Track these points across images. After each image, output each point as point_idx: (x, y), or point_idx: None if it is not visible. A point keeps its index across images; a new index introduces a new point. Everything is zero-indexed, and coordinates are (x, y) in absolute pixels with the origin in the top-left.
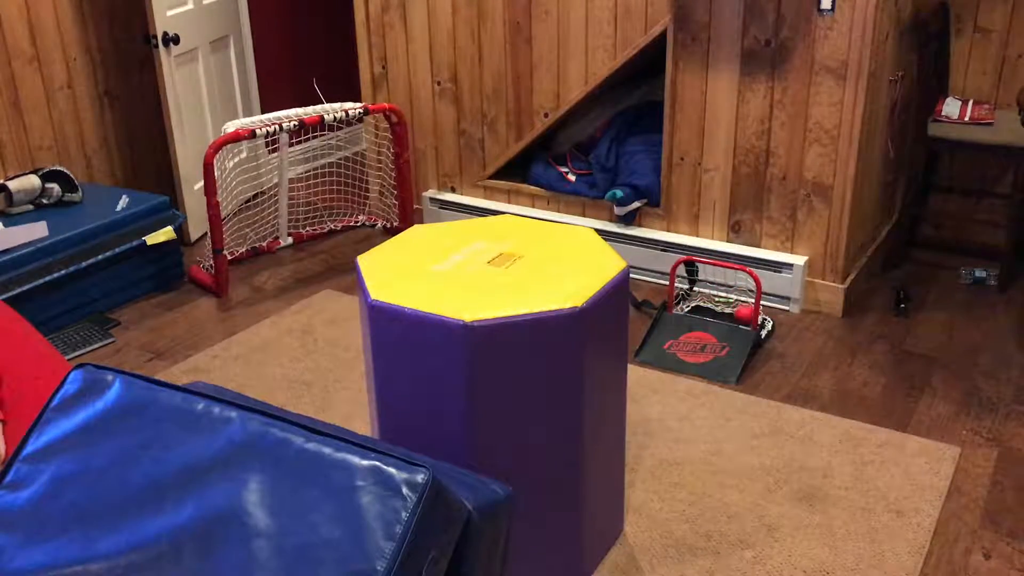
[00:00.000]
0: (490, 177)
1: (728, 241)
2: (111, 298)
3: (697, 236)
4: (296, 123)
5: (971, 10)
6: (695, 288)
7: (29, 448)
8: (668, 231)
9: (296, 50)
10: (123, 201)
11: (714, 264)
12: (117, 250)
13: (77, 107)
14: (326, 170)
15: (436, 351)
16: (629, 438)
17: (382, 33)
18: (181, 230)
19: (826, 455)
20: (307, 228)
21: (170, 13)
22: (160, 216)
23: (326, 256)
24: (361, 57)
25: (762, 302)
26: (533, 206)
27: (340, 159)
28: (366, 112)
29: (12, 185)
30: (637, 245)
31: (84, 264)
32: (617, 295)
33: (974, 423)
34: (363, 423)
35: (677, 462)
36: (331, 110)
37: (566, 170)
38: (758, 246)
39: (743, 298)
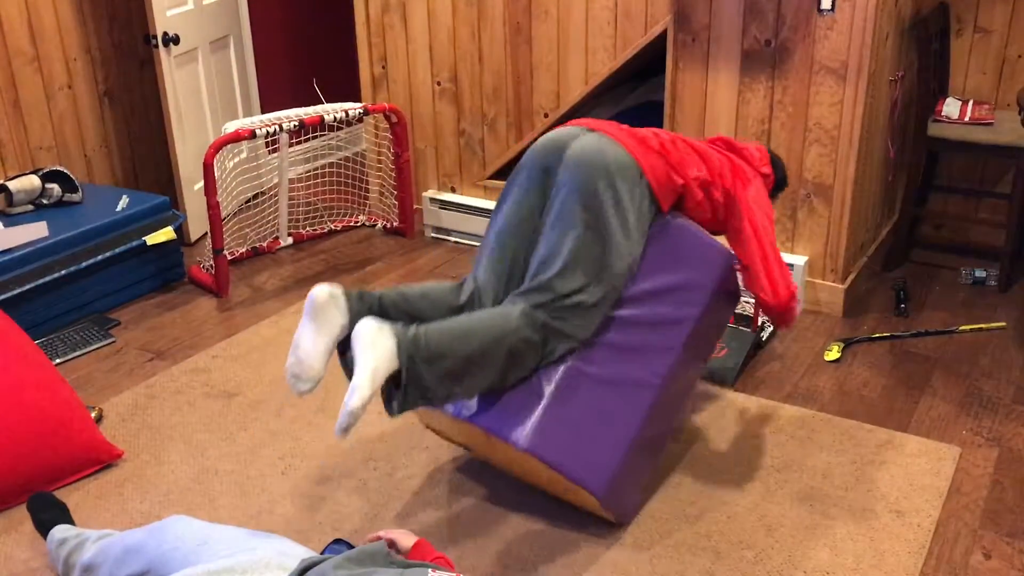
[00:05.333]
0: (490, 177)
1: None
2: (111, 298)
3: None
4: (296, 123)
5: (971, 10)
6: None
7: None
8: None
9: (296, 50)
10: (123, 201)
11: None
12: (117, 250)
13: (77, 107)
14: (326, 170)
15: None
16: None
17: (382, 33)
18: (181, 230)
19: (826, 455)
20: (307, 228)
21: (170, 13)
22: (160, 216)
23: (326, 256)
24: (361, 57)
25: None
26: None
27: (340, 159)
28: (366, 112)
29: (12, 185)
30: None
31: (84, 264)
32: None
33: (974, 423)
34: (362, 423)
35: (677, 462)
36: (331, 110)
37: None
38: None
39: (745, 298)
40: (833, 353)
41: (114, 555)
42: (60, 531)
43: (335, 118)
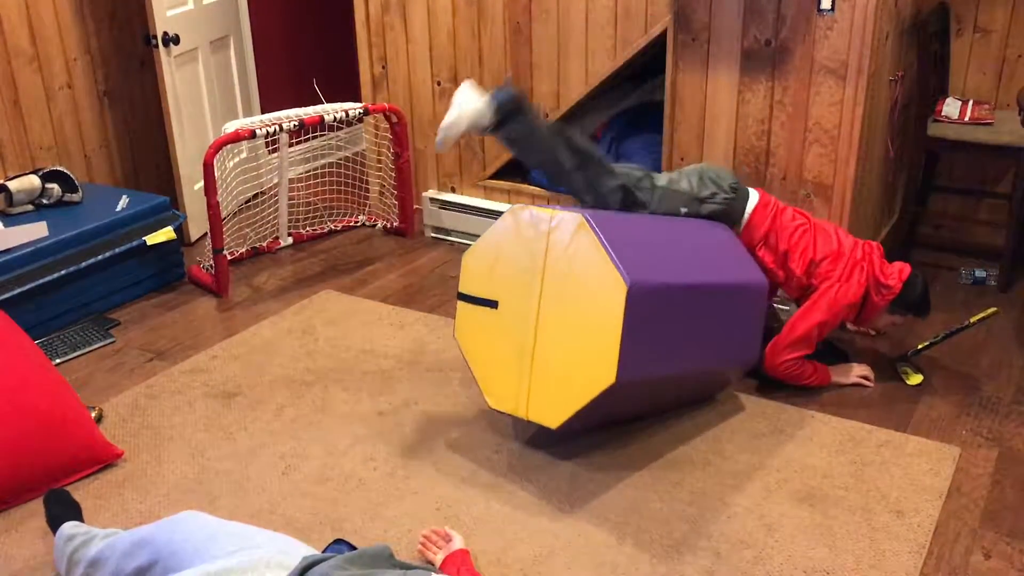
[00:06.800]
0: (490, 177)
1: None
2: (111, 298)
3: None
4: (296, 123)
5: (971, 10)
6: None
7: None
8: None
9: (296, 50)
10: (123, 201)
11: None
12: (117, 250)
13: (77, 107)
14: (326, 170)
15: None
16: (629, 439)
17: (382, 33)
18: (181, 230)
19: (826, 455)
20: (307, 228)
21: (170, 13)
22: (160, 216)
23: (326, 256)
24: (361, 57)
25: None
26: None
27: (340, 159)
28: (366, 112)
29: (12, 185)
30: None
31: (84, 264)
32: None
33: (974, 423)
34: (362, 423)
35: (677, 462)
36: (331, 110)
37: None
38: None
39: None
40: (914, 378)
41: (121, 548)
42: (69, 527)
43: (335, 118)
